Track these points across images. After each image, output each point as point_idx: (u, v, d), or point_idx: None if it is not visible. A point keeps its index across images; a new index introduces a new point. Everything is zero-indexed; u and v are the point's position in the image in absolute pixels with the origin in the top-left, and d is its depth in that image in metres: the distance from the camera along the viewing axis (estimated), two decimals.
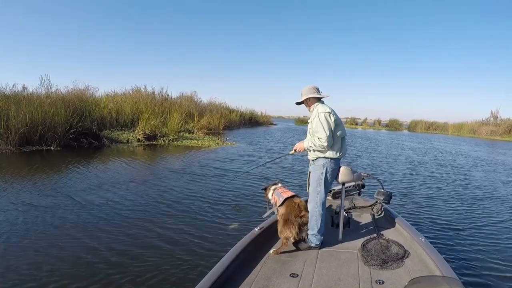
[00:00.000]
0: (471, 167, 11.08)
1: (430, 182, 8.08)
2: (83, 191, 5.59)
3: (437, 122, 45.60)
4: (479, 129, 37.16)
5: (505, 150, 19.63)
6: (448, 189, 7.32)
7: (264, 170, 7.96)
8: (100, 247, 3.49)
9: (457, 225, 4.90)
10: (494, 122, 37.45)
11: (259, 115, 35.01)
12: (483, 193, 7.17)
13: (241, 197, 5.62)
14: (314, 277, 2.58)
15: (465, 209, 5.78)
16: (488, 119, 38.62)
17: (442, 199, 6.39)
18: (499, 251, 4.02)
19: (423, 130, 44.81)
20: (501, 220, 5.30)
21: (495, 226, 4.98)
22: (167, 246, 3.59)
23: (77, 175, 6.78)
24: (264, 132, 23.88)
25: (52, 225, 4.06)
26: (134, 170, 7.49)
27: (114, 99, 15.33)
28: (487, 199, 6.61)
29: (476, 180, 8.65)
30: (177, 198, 5.40)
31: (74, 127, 10.84)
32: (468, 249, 4.05)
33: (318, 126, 2.92)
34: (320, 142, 2.91)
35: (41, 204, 4.84)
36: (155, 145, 12.74)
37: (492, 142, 27.51)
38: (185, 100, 19.80)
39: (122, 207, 4.80)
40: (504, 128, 34.75)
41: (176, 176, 7.00)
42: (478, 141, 27.58)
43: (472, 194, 6.96)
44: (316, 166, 3.05)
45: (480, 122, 38.75)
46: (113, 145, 11.70)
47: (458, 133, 38.99)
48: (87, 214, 4.48)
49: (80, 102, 12.70)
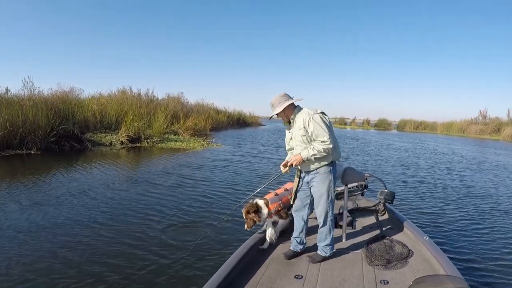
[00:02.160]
0: (471, 167, 11.32)
1: (433, 182, 8.24)
2: (57, 198, 5.59)
3: (426, 121, 46.11)
4: (468, 128, 37.67)
5: (498, 150, 19.91)
6: (451, 189, 7.46)
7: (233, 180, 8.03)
8: (74, 256, 3.52)
9: (461, 225, 4.93)
10: (483, 121, 37.98)
11: (248, 115, 35.12)
12: (486, 193, 7.33)
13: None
14: (318, 278, 2.58)
15: (469, 209, 5.87)
16: (477, 118, 39.16)
17: (445, 199, 6.51)
18: (504, 250, 4.05)
19: (412, 129, 45.24)
20: (506, 219, 5.36)
21: (499, 225, 5.02)
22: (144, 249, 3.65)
23: (55, 180, 6.78)
24: (251, 133, 23.95)
25: (28, 231, 4.09)
26: (108, 176, 7.42)
27: (99, 101, 15.25)
28: (490, 199, 6.74)
29: (478, 181, 8.84)
30: (145, 207, 5.43)
31: (55, 130, 10.74)
32: (472, 248, 4.05)
33: (318, 129, 2.69)
34: (325, 145, 2.67)
35: (17, 209, 4.87)
36: (139, 147, 12.70)
37: (481, 141, 27.87)
38: (171, 101, 19.81)
39: (94, 213, 4.84)
40: (493, 127, 35.31)
41: (150, 181, 7.04)
42: (468, 140, 27.91)
43: (476, 194, 7.11)
44: (321, 175, 2.82)
45: (469, 121, 39.26)
46: (95, 148, 11.66)
47: (447, 132, 39.45)
48: (65, 219, 4.52)
49: (63, 104, 12.63)
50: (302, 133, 2.77)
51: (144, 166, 8.99)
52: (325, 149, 2.68)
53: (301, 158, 2.76)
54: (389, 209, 4.00)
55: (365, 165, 10.86)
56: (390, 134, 35.28)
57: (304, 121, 2.74)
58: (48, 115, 10.79)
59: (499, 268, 3.56)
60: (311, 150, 2.69)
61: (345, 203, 3.36)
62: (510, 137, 30.96)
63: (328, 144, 2.67)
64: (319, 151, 2.68)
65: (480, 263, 3.62)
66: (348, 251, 3.06)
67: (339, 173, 3.20)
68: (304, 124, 2.75)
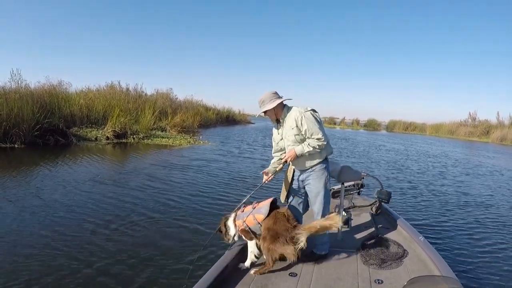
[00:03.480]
0: (466, 171, 11.56)
1: (427, 184, 8.44)
2: (35, 193, 5.71)
3: (415, 122, 46.44)
4: (457, 130, 38.09)
5: (490, 153, 20.11)
6: (446, 191, 7.65)
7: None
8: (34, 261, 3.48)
9: (455, 225, 5.00)
10: (472, 124, 38.43)
11: (237, 113, 35.27)
12: (481, 195, 7.55)
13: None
14: (313, 276, 2.59)
15: (463, 210, 6.00)
16: (466, 120, 39.64)
17: (441, 200, 6.68)
18: (498, 251, 4.12)
19: (401, 130, 45.58)
20: (500, 220, 5.48)
21: (494, 226, 5.11)
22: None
23: (35, 175, 6.89)
24: (240, 131, 24.08)
25: (10, 227, 4.15)
26: (88, 173, 7.44)
27: (86, 95, 15.25)
28: (485, 201, 6.95)
29: (472, 183, 9.06)
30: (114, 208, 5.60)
31: (40, 124, 10.77)
32: (467, 249, 4.11)
33: (312, 126, 2.69)
34: (320, 142, 2.70)
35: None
36: (124, 143, 12.79)
37: (471, 143, 28.08)
38: (160, 97, 19.85)
39: (68, 211, 4.95)
40: (482, 129, 35.84)
41: (120, 181, 7.16)
42: (458, 143, 28.00)
43: (470, 196, 7.34)
44: (317, 173, 2.83)
45: (458, 123, 39.73)
46: (80, 143, 11.71)
47: (436, 134, 39.74)
48: (47, 216, 4.58)
49: (50, 98, 12.63)
50: (295, 132, 2.76)
51: (126, 163, 9.12)
52: (320, 145, 2.71)
53: (295, 154, 2.74)
54: (385, 209, 4.02)
55: (356, 167, 11.00)
56: (380, 134, 35.64)
57: (297, 120, 2.73)
58: (34, 109, 10.80)
59: (493, 269, 3.60)
60: (306, 147, 2.70)
61: (341, 201, 3.38)
62: (499, 140, 31.33)
63: (323, 141, 2.71)
64: (314, 148, 2.71)
65: (475, 264, 3.67)
66: (343, 249, 3.05)
67: (336, 171, 3.24)
68: (296, 122, 2.73)
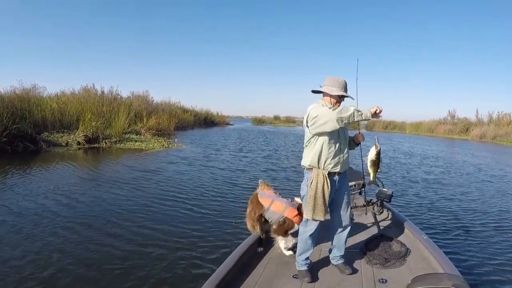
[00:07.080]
0: (465, 171, 11.53)
1: (429, 181, 8.62)
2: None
3: (394, 121, 46.01)
4: (436, 128, 37.94)
5: (475, 151, 19.78)
6: (448, 188, 7.81)
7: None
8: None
9: (459, 223, 5.04)
10: (451, 121, 38.45)
11: (215, 115, 35.34)
12: (483, 192, 7.65)
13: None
14: (317, 278, 2.62)
15: (466, 207, 6.08)
16: (446, 118, 39.63)
17: (443, 198, 6.81)
18: (503, 248, 4.14)
19: (380, 129, 44.91)
20: (504, 217, 5.53)
21: (498, 223, 5.15)
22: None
23: (3, 183, 6.95)
24: (217, 133, 24.17)
25: None
26: (54, 181, 7.49)
27: (59, 99, 15.19)
28: (488, 198, 7.02)
29: (472, 183, 9.07)
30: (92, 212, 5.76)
31: (8, 129, 10.71)
32: (471, 246, 4.13)
33: None
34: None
35: None
36: (97, 148, 12.81)
37: (451, 141, 28.19)
38: (136, 99, 19.84)
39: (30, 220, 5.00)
40: (461, 127, 35.91)
41: (90, 187, 7.38)
42: (438, 140, 28.04)
43: (472, 193, 7.48)
44: (347, 177, 2.75)
45: (437, 121, 39.60)
46: (51, 149, 11.70)
47: (416, 132, 39.57)
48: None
49: (21, 102, 12.56)
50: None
51: (94, 169, 9.17)
52: None
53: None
54: (387, 208, 4.05)
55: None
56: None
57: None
58: (2, 114, 10.74)
59: (498, 266, 3.62)
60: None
61: None
62: (478, 137, 31.30)
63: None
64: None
65: (479, 261, 3.66)
66: (346, 250, 3.01)
67: None
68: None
